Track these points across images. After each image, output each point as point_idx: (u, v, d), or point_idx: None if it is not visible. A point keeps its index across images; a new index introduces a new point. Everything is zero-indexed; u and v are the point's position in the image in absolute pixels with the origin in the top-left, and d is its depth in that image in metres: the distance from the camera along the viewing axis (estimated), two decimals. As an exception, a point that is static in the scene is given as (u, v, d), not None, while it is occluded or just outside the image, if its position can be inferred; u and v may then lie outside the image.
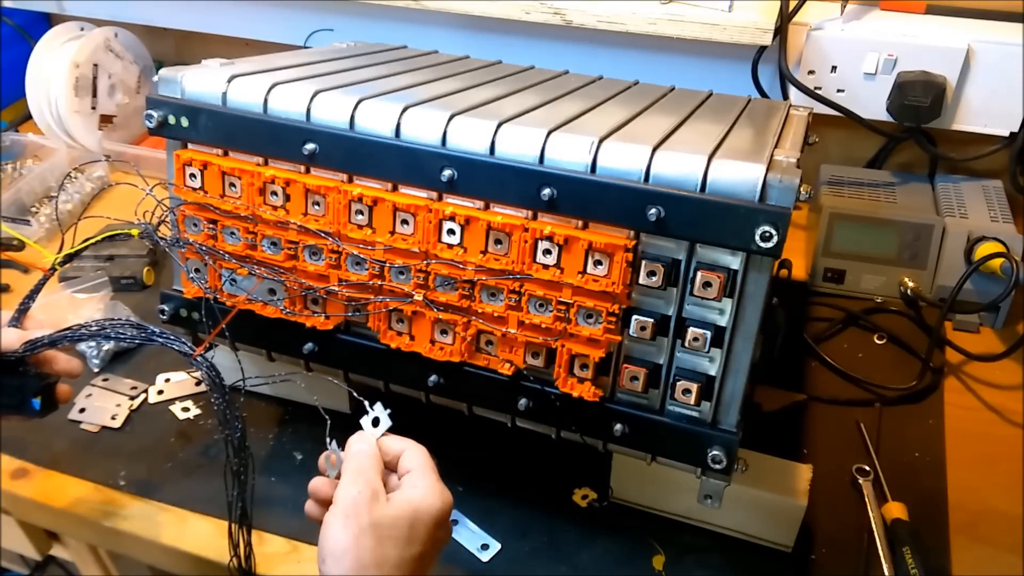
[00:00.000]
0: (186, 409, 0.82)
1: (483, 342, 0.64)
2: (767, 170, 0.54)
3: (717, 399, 0.60)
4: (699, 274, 0.57)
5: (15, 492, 0.73)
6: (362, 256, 0.63)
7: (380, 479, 0.53)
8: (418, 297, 0.63)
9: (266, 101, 0.64)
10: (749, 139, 0.64)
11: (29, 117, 1.27)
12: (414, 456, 0.55)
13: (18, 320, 0.64)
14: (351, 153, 0.62)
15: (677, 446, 0.62)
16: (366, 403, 0.57)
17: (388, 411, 0.56)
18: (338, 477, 0.54)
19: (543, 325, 0.60)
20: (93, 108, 1.26)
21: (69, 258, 0.69)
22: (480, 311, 0.62)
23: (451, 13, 1.12)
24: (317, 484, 0.56)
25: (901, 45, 0.99)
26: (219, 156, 0.66)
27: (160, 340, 0.59)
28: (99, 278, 0.97)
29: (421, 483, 0.53)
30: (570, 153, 0.58)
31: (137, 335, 0.59)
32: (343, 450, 0.56)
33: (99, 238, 0.69)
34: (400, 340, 0.65)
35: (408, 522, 0.51)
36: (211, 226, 0.67)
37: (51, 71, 1.20)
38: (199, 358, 0.58)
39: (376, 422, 0.56)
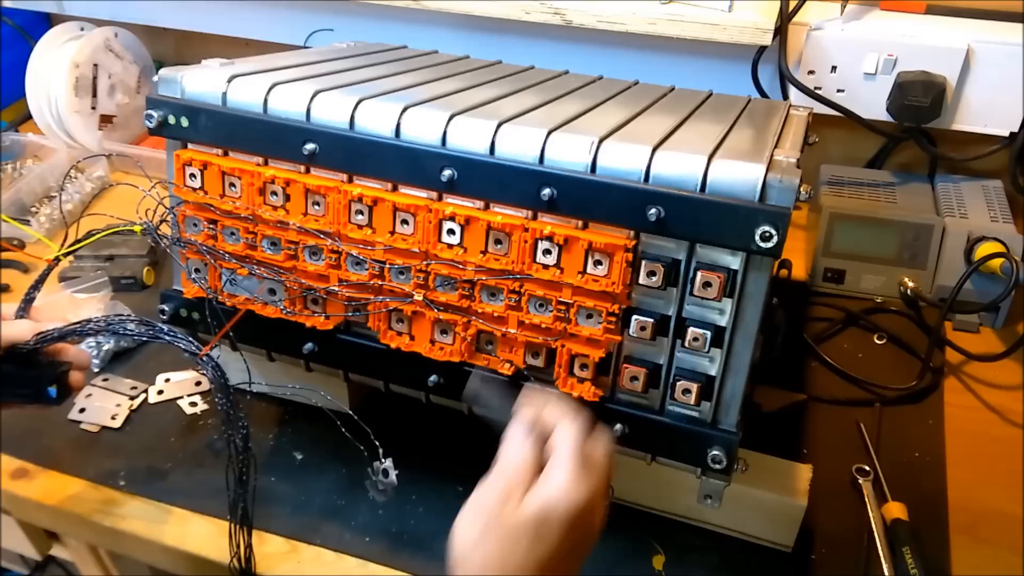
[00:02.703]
0: (194, 404, 0.82)
1: (483, 342, 0.64)
2: (767, 170, 0.54)
3: (717, 399, 0.60)
4: (699, 274, 0.57)
5: (15, 492, 0.73)
6: (362, 256, 0.63)
7: (525, 477, 0.49)
8: (418, 297, 0.63)
9: (266, 101, 0.64)
10: (749, 139, 0.64)
11: (29, 117, 1.27)
12: (561, 437, 0.51)
13: (24, 311, 0.64)
14: (351, 153, 0.62)
15: (677, 446, 0.62)
16: (380, 453, 0.57)
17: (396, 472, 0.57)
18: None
19: (543, 325, 0.60)
20: (93, 108, 1.26)
21: (74, 246, 0.69)
22: (480, 311, 0.62)
23: (451, 13, 1.12)
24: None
25: (901, 45, 1.00)
26: (219, 156, 0.66)
27: (167, 338, 0.59)
28: (99, 278, 0.97)
29: (556, 475, 0.49)
30: (570, 153, 0.58)
31: (144, 332, 0.59)
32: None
33: (103, 233, 0.69)
34: (400, 340, 0.65)
35: (535, 521, 0.47)
36: (211, 226, 0.67)
37: (51, 71, 1.20)
38: (204, 358, 0.58)
39: (385, 473, 0.57)
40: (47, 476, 0.75)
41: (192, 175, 0.66)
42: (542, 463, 0.51)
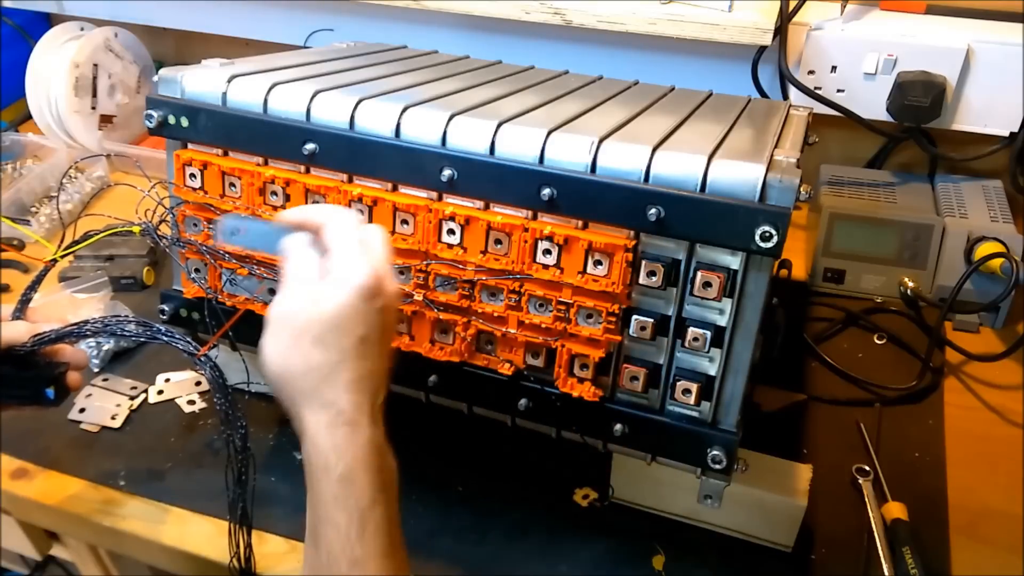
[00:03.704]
0: (192, 403, 0.82)
1: (483, 342, 0.64)
2: (767, 170, 0.54)
3: (717, 399, 0.60)
4: (699, 274, 0.57)
5: (15, 492, 0.73)
6: (362, 256, 0.63)
7: (313, 277, 0.50)
8: (418, 297, 0.63)
9: (266, 101, 0.64)
10: (749, 139, 0.64)
11: (29, 117, 1.27)
12: (332, 231, 0.51)
13: (21, 312, 0.64)
14: (351, 153, 0.62)
15: (677, 446, 0.62)
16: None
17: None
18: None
19: (543, 325, 0.60)
20: (93, 108, 1.26)
21: (72, 246, 0.69)
22: (480, 311, 0.62)
23: (451, 13, 1.12)
24: None
25: (901, 45, 0.99)
26: (219, 156, 0.66)
27: (165, 339, 0.59)
28: (99, 278, 0.97)
29: (340, 264, 0.49)
30: (570, 153, 0.58)
31: (142, 333, 0.59)
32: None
33: (102, 234, 0.69)
34: (400, 340, 0.65)
35: (336, 311, 0.48)
36: (211, 226, 0.67)
37: (51, 71, 1.20)
38: (203, 358, 0.58)
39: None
40: (47, 476, 0.75)
41: (192, 175, 0.66)
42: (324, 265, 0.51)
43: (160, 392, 0.84)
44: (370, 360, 0.49)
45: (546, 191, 0.57)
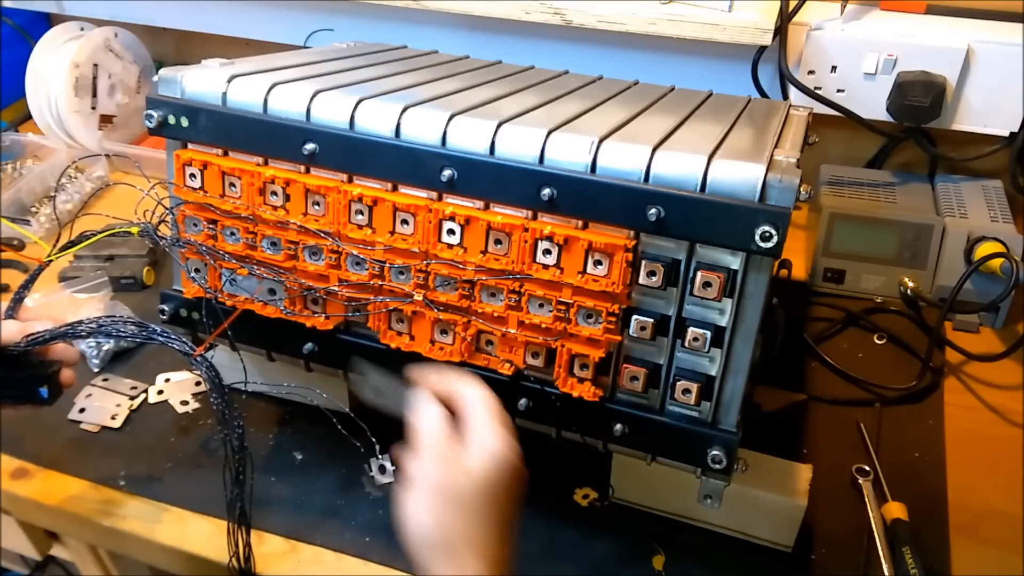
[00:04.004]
0: (184, 403, 0.82)
1: (483, 342, 0.64)
2: (767, 170, 0.54)
3: (717, 399, 0.60)
4: (699, 274, 0.57)
5: (15, 492, 0.73)
6: (362, 256, 0.63)
7: (451, 444, 0.50)
8: (418, 297, 0.63)
9: (266, 101, 0.64)
10: (749, 139, 0.64)
11: (29, 117, 1.27)
12: (471, 399, 0.52)
13: (13, 311, 0.64)
14: (351, 153, 0.62)
15: (677, 446, 0.62)
16: (377, 450, 0.57)
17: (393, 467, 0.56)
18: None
19: (543, 325, 0.60)
20: (93, 108, 1.26)
21: (68, 246, 0.69)
22: (480, 311, 0.62)
23: (451, 13, 1.12)
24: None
25: (901, 45, 0.99)
26: (219, 156, 0.66)
27: (160, 339, 0.59)
28: (99, 278, 0.97)
29: (483, 434, 0.50)
30: (570, 153, 0.58)
31: (137, 333, 0.59)
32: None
33: (101, 235, 0.69)
34: (400, 340, 0.65)
35: (485, 481, 0.49)
36: (211, 226, 0.67)
37: (51, 71, 1.20)
38: (199, 358, 0.58)
39: (383, 470, 0.57)
40: (47, 476, 0.75)
41: (192, 175, 0.66)
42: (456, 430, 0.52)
43: (160, 392, 0.84)
44: (504, 527, 0.50)
45: (546, 191, 0.57)
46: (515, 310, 0.61)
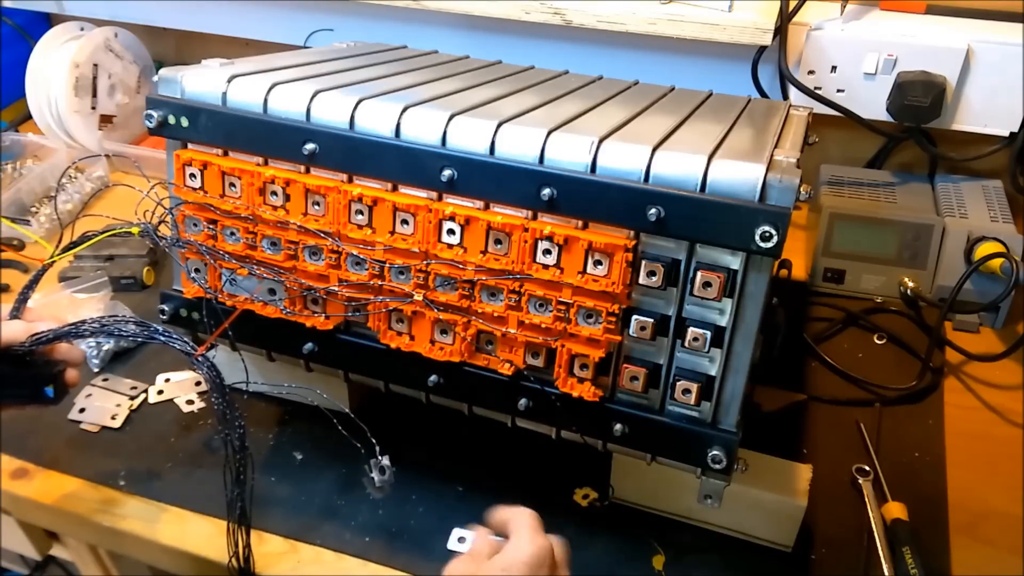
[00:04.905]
0: (190, 402, 0.82)
1: (483, 342, 0.64)
2: (767, 170, 0.54)
3: (717, 399, 0.60)
4: (699, 274, 0.57)
5: (15, 492, 0.73)
6: (362, 256, 0.63)
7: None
8: (418, 297, 0.63)
9: (266, 101, 0.64)
10: (749, 139, 0.64)
11: (29, 117, 1.26)
12: (517, 518, 0.56)
13: (18, 311, 0.64)
14: (351, 153, 0.62)
15: (677, 446, 0.62)
16: (377, 451, 0.61)
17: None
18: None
19: (543, 325, 0.60)
20: (93, 108, 1.26)
21: (70, 247, 0.69)
22: (480, 311, 0.62)
23: (451, 13, 1.12)
24: None
25: (901, 45, 0.99)
26: (219, 156, 0.66)
27: (162, 338, 0.59)
28: (99, 278, 0.97)
29: (515, 537, 0.54)
30: (570, 153, 0.58)
31: (139, 332, 0.59)
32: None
33: (102, 236, 0.69)
34: (400, 340, 0.65)
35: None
36: (211, 226, 0.67)
37: (51, 71, 1.20)
38: (200, 358, 0.58)
39: (383, 469, 0.59)
40: (47, 476, 0.75)
41: (192, 175, 0.66)
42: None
43: (160, 392, 0.84)
44: None
45: (546, 191, 0.57)
46: (515, 310, 0.61)
